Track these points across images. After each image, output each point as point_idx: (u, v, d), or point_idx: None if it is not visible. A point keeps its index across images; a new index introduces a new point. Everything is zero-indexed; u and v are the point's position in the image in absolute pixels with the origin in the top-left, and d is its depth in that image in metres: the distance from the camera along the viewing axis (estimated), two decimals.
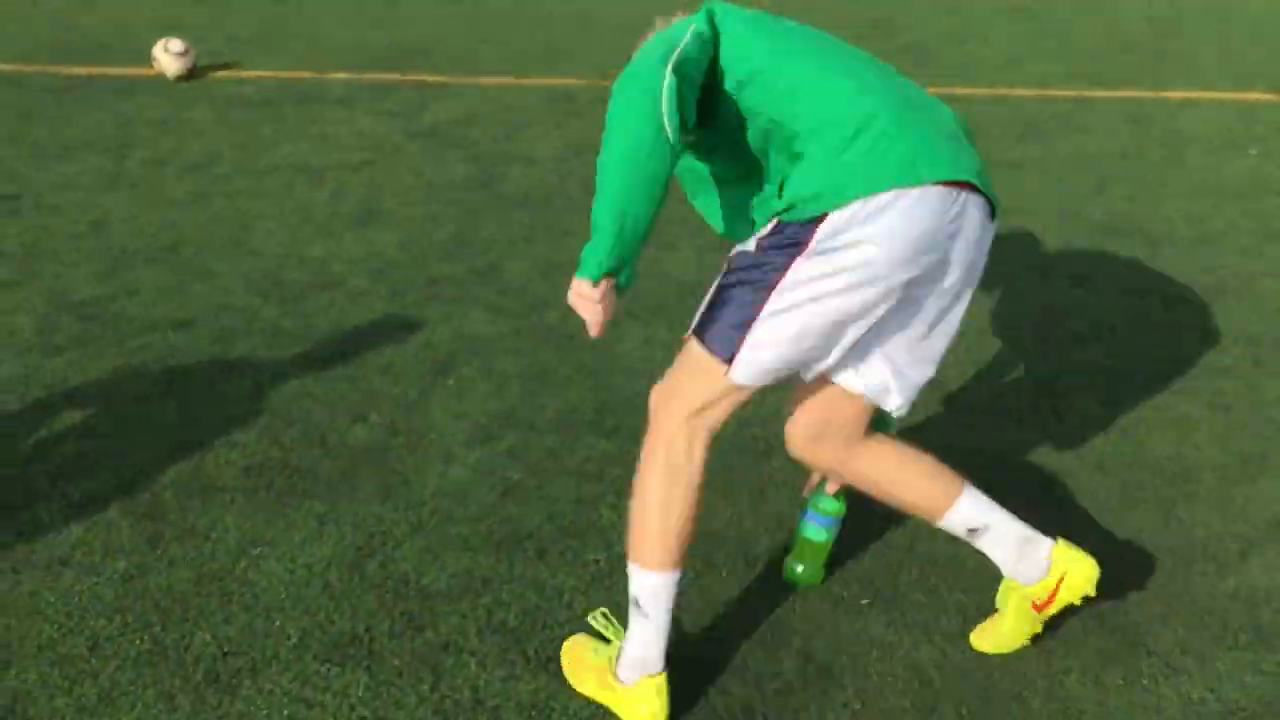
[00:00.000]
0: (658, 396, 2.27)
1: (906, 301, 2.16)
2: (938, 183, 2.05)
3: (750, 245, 2.15)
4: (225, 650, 2.45)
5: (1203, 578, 2.68)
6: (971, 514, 2.37)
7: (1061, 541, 2.38)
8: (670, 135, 2.00)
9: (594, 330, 2.16)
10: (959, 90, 6.52)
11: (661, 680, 2.26)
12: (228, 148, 5.60)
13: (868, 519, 2.85)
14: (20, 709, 2.29)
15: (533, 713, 2.29)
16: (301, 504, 2.93)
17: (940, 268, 2.15)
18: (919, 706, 2.32)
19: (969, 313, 2.31)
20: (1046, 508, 2.92)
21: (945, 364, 3.54)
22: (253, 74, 6.95)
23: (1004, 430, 3.26)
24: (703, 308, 2.21)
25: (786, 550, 2.70)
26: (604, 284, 2.09)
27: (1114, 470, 3.09)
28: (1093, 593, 2.36)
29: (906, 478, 2.40)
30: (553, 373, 3.57)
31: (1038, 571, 2.36)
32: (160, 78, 6.74)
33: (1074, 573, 2.36)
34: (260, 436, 3.22)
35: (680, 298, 4.04)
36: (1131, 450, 3.17)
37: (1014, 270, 4.25)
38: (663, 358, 3.52)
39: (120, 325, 3.85)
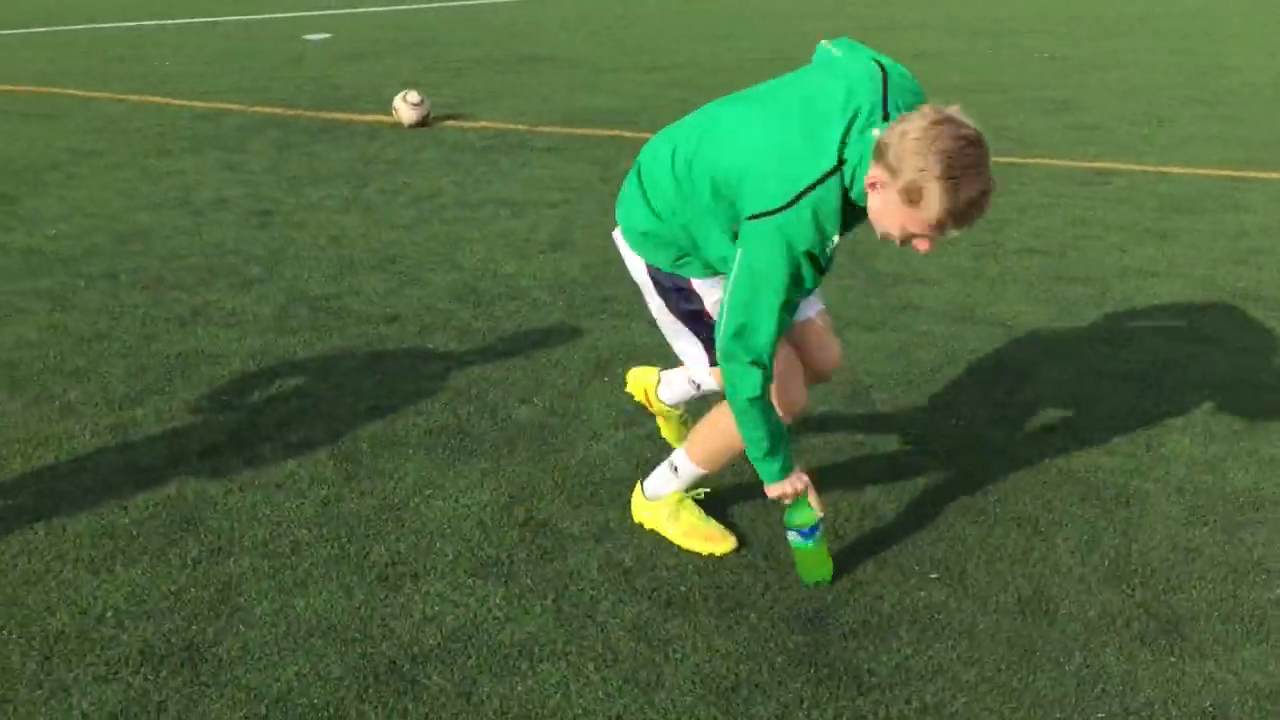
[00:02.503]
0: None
1: None
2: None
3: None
4: (395, 560, 3.03)
5: (1251, 587, 2.91)
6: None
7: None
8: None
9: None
10: (1121, 165, 6.73)
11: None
12: (448, 184, 6.40)
13: (947, 514, 3.22)
14: (236, 585, 2.91)
15: (634, 630, 2.76)
16: (468, 461, 3.51)
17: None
18: (964, 659, 2.66)
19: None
20: (1119, 516, 3.21)
21: (1056, 396, 3.87)
22: (477, 124, 7.81)
23: (1098, 456, 3.54)
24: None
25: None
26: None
27: (1190, 494, 3.33)
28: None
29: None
30: None
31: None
32: (398, 125, 7.67)
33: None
34: (442, 408, 3.83)
35: None
36: (1212, 480, 3.40)
37: (1140, 326, 4.49)
38: None
39: (343, 316, 4.58)
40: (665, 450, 3.58)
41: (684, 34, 11.75)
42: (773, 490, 2.86)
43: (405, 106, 7.67)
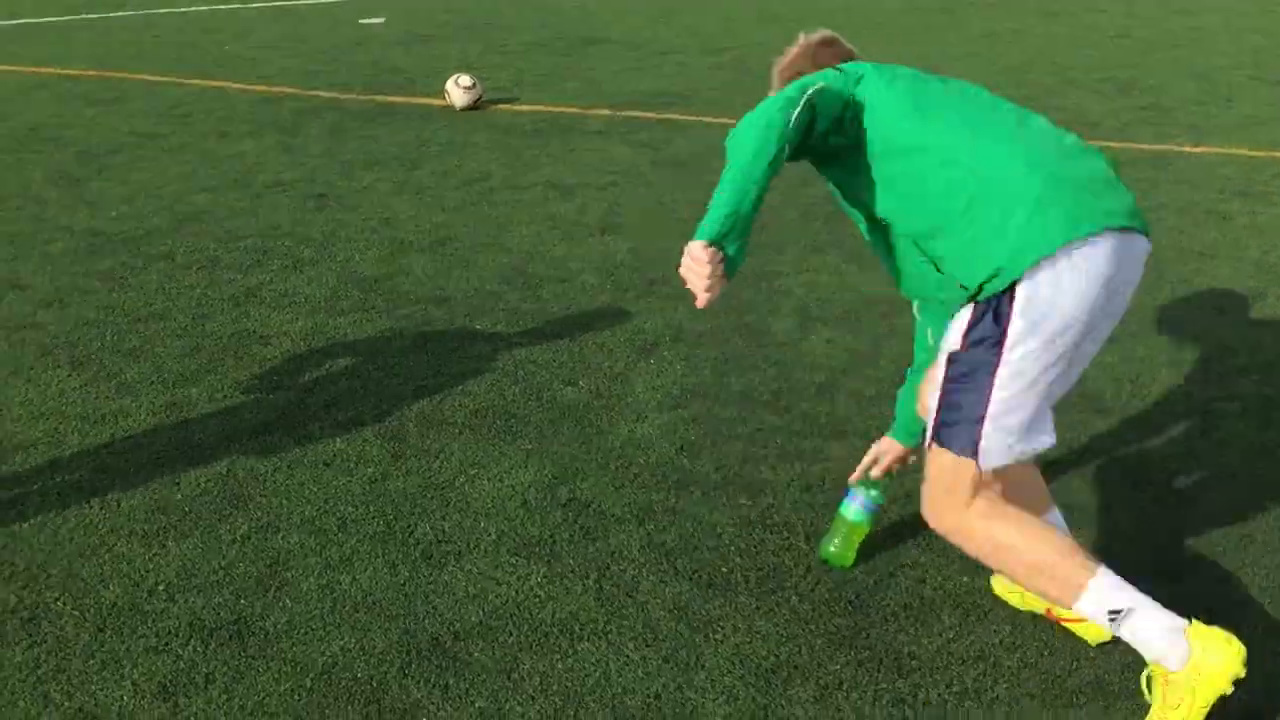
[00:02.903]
0: (936, 517, 2.46)
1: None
2: (1106, 230, 2.24)
3: (956, 341, 2.34)
4: (439, 538, 3.06)
5: None
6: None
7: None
8: (791, 130, 2.28)
9: (701, 297, 2.23)
10: (1186, 147, 6.58)
11: (1194, 624, 2.28)
12: (498, 166, 6.42)
13: None
14: (284, 560, 2.96)
15: (675, 610, 2.76)
16: (513, 441, 3.53)
17: (1121, 308, 2.35)
18: (1006, 644, 2.64)
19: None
20: (1170, 502, 3.16)
21: (1107, 379, 3.81)
22: (528, 108, 7.83)
23: (1150, 441, 3.48)
24: (933, 415, 2.40)
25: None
26: (711, 250, 2.21)
27: (1245, 480, 3.27)
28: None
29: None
30: (742, 360, 4.05)
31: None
32: (451, 108, 7.71)
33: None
34: (489, 389, 3.86)
35: (867, 308, 4.43)
36: (1266, 467, 3.33)
37: (1197, 309, 4.40)
38: (844, 360, 3.98)
39: (393, 298, 4.62)
40: (710, 431, 3.58)
41: (748, 16, 11.67)
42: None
43: (457, 90, 7.70)
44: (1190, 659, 2.26)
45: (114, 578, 2.90)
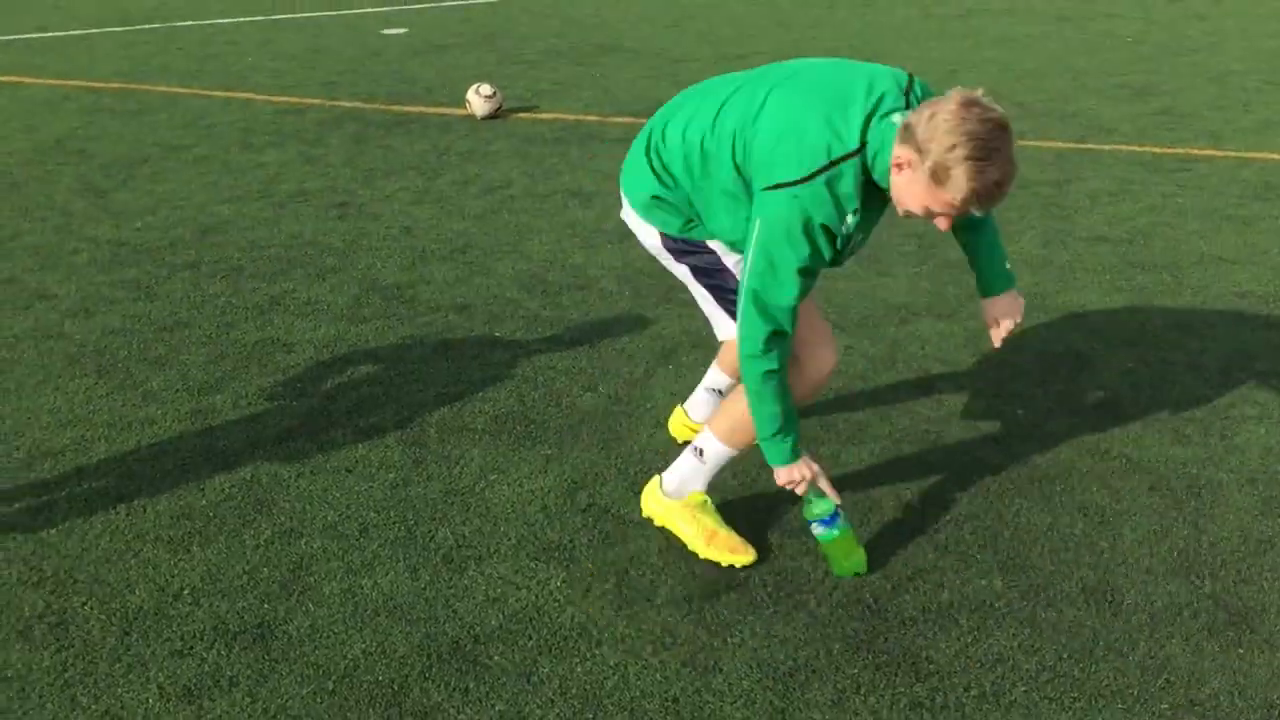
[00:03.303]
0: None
1: None
2: None
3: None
4: (460, 543, 3.09)
5: None
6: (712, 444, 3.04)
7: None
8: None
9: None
10: (1201, 151, 6.56)
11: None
12: (518, 175, 6.46)
13: (1012, 502, 3.19)
14: (306, 565, 3.00)
15: (693, 615, 2.78)
16: (533, 447, 3.56)
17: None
18: (1024, 648, 2.64)
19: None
20: (1189, 507, 3.16)
21: (1126, 384, 3.80)
22: (548, 116, 7.87)
23: (1168, 445, 3.47)
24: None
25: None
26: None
27: (1264, 484, 3.26)
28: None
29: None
30: None
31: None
32: (471, 117, 7.76)
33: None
34: (509, 394, 3.89)
35: (885, 315, 4.44)
36: None
37: (1216, 314, 4.38)
38: (861, 365, 3.99)
39: (414, 305, 4.66)
40: None
41: (766, 22, 11.69)
42: (781, 474, 2.84)
43: (478, 99, 7.75)
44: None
45: (140, 582, 2.94)
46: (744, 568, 2.94)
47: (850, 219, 2.60)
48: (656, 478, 3.13)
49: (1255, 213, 5.51)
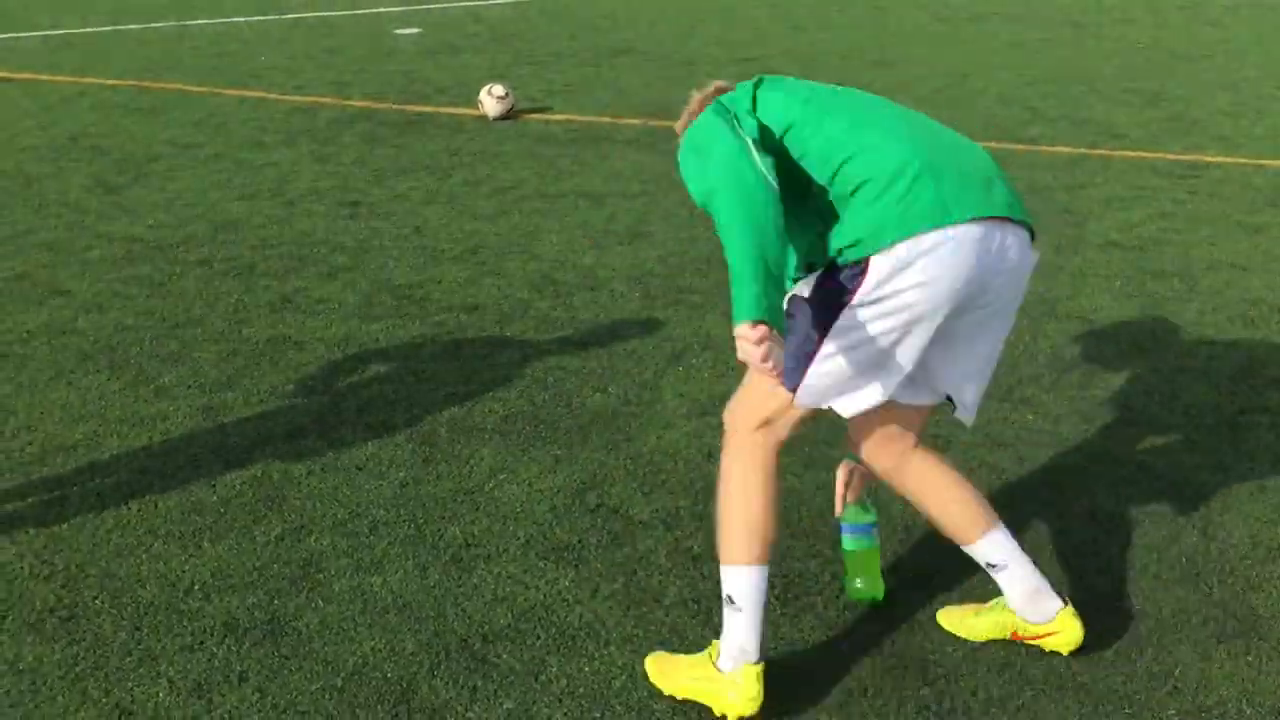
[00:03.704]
0: (731, 415, 2.54)
1: (947, 328, 2.40)
2: (971, 220, 2.30)
3: (805, 290, 2.43)
4: (469, 542, 3.10)
5: None
6: (993, 551, 2.60)
7: (1070, 608, 2.59)
8: (771, 181, 2.26)
9: (773, 372, 2.21)
10: (1212, 158, 6.55)
11: (760, 669, 2.45)
12: (530, 175, 6.48)
13: (1022, 507, 3.19)
14: (315, 562, 3.01)
15: (701, 615, 2.79)
16: (543, 447, 3.57)
17: (980, 296, 2.38)
18: (1032, 653, 2.63)
19: (1012, 331, 2.63)
20: (1198, 513, 3.15)
21: (1137, 390, 3.81)
22: (560, 117, 7.89)
23: (1179, 452, 3.47)
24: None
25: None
26: (762, 327, 2.15)
27: (1274, 492, 3.26)
28: (1065, 652, 2.59)
29: (945, 500, 2.62)
30: None
31: (1038, 618, 2.59)
32: (483, 117, 7.78)
33: (1066, 632, 2.58)
34: (519, 395, 3.90)
35: None
36: None
37: (1227, 321, 4.38)
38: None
39: (425, 305, 4.68)
40: None
41: (779, 25, 11.70)
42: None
43: (490, 99, 7.77)
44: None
45: (151, 578, 2.95)
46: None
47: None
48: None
49: (1267, 220, 5.50)
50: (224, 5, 13.58)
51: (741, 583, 2.47)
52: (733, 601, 2.48)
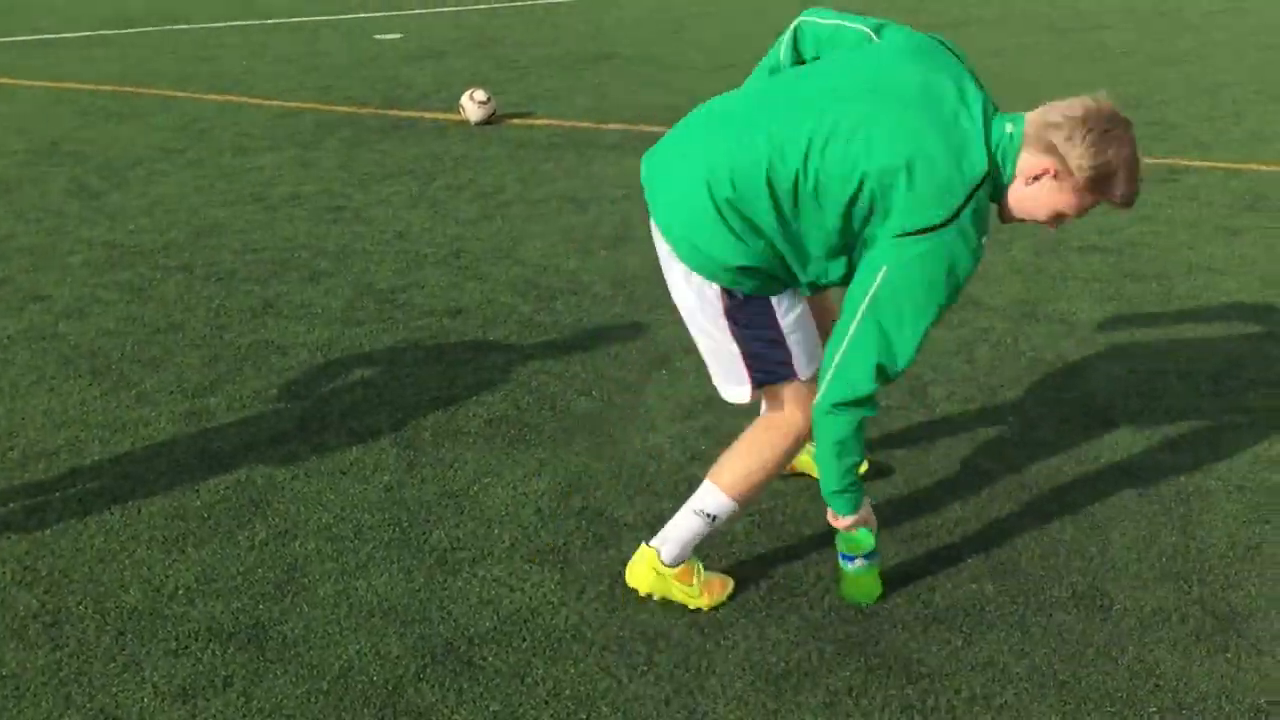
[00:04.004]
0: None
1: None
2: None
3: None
4: (454, 545, 3.10)
5: None
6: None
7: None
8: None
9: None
10: (1191, 162, 6.60)
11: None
12: (512, 180, 6.48)
13: (1003, 508, 3.22)
14: (301, 566, 3.01)
15: (686, 616, 2.80)
16: (527, 450, 3.57)
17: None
18: (1014, 652, 2.66)
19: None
20: (1178, 513, 3.18)
21: (1116, 392, 3.83)
22: (543, 122, 7.89)
23: (1158, 453, 3.50)
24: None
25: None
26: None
27: (1252, 491, 3.29)
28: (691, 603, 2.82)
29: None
30: None
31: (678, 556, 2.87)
32: (465, 123, 7.78)
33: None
34: (503, 399, 3.90)
35: None
36: (1275, 478, 3.35)
37: (1205, 323, 4.42)
38: None
39: (408, 309, 4.68)
40: (721, 441, 3.61)
41: (760, 31, 11.73)
42: (843, 522, 2.76)
43: (472, 104, 7.77)
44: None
45: (134, 583, 2.94)
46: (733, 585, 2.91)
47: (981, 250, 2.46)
48: (648, 550, 2.84)
49: (1245, 223, 5.55)
50: (205, 11, 13.55)
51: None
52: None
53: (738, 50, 10.61)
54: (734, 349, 2.69)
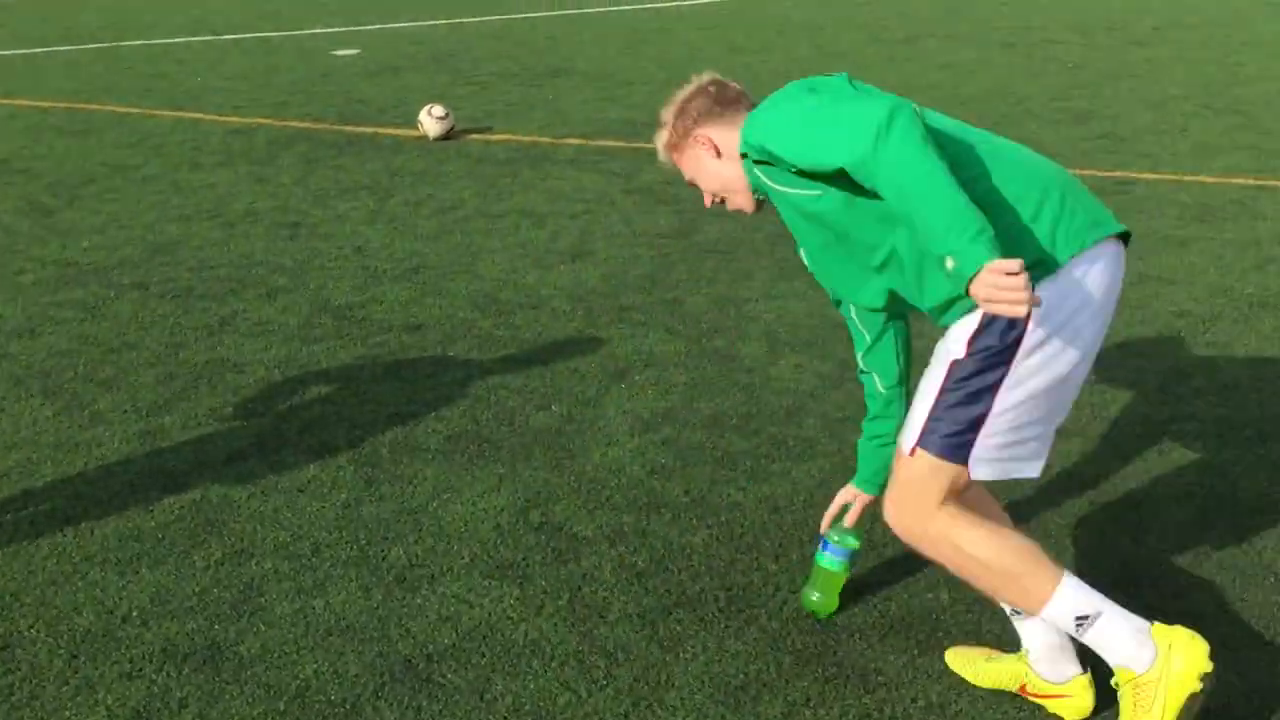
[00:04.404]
0: (901, 518, 2.38)
1: None
2: (1111, 236, 2.27)
3: (960, 348, 2.25)
4: (412, 562, 3.09)
5: (1260, 590, 2.91)
6: (1077, 602, 2.30)
7: (1088, 676, 2.47)
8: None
9: (1027, 304, 1.95)
10: (1144, 175, 6.72)
11: (1159, 626, 2.29)
12: (470, 195, 6.48)
13: None
14: (257, 586, 2.99)
15: (645, 630, 2.80)
16: (486, 466, 3.57)
17: (1110, 319, 2.32)
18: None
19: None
20: (1128, 520, 3.23)
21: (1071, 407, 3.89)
22: (500, 137, 7.90)
23: (1108, 460, 3.56)
24: (921, 420, 2.30)
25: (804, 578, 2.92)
26: (1013, 261, 1.96)
27: (1200, 498, 3.34)
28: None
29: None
30: (712, 384, 4.11)
31: (1055, 677, 2.48)
32: (424, 138, 7.77)
33: (1077, 698, 2.47)
34: (462, 414, 3.89)
35: (834, 333, 4.49)
36: (1222, 485, 3.41)
37: (1154, 333, 4.49)
38: (812, 383, 4.04)
39: (366, 325, 4.66)
40: (680, 454, 3.64)
41: (717, 47, 11.81)
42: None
43: (430, 120, 7.77)
44: (1158, 659, 2.24)
45: (87, 605, 2.91)
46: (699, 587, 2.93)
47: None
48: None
49: (1192, 234, 5.65)
50: (158, 26, 13.44)
51: (1070, 601, 2.29)
52: (1084, 620, 2.28)
53: (693, 65, 10.67)
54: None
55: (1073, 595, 2.30)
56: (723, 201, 2.59)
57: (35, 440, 3.74)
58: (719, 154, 2.53)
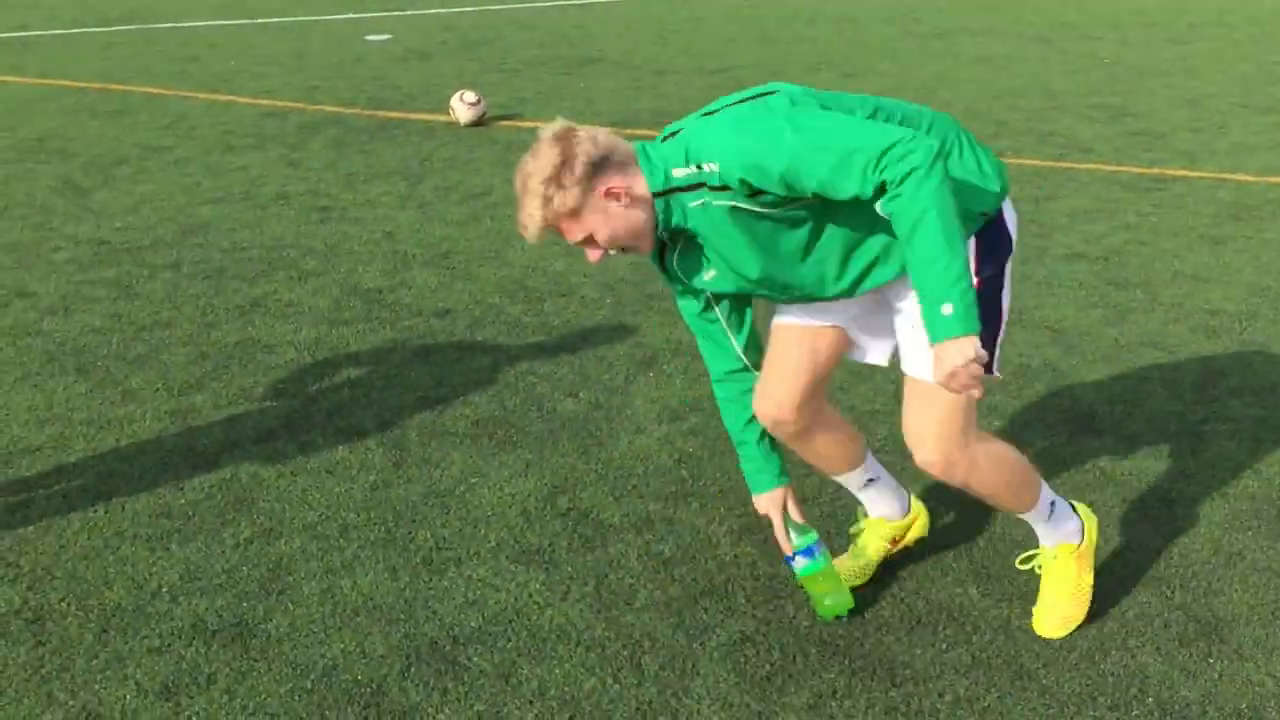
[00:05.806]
0: (950, 449, 2.50)
1: None
2: None
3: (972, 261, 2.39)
4: (439, 545, 3.09)
5: None
6: (872, 465, 2.93)
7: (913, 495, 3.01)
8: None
9: (979, 391, 2.21)
10: (1180, 172, 6.65)
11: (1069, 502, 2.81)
12: (500, 182, 6.48)
13: (988, 514, 3.23)
14: (286, 565, 3.00)
15: (671, 618, 2.80)
16: (514, 451, 3.57)
17: None
18: (999, 655, 2.67)
19: None
20: (1161, 520, 3.20)
21: (1101, 399, 3.85)
22: (531, 124, 7.89)
23: (1142, 460, 3.52)
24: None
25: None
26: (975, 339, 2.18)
27: (1234, 499, 3.31)
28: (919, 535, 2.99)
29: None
30: None
31: (902, 513, 2.97)
32: (454, 124, 7.78)
33: (920, 515, 3.01)
34: (490, 400, 3.90)
35: None
36: (1257, 486, 3.37)
37: (1190, 332, 4.45)
38: (840, 376, 4.01)
39: (395, 309, 4.67)
40: (708, 443, 3.62)
41: (749, 37, 11.77)
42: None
43: (461, 106, 7.77)
44: (1086, 529, 2.81)
45: (118, 580, 2.93)
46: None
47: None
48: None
49: (1228, 233, 5.59)
50: (192, 9, 13.51)
51: (1046, 493, 2.71)
52: (1052, 523, 2.74)
53: (724, 56, 10.64)
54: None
55: (1046, 488, 2.73)
56: (622, 250, 2.49)
57: (68, 417, 3.77)
58: (632, 200, 2.36)
